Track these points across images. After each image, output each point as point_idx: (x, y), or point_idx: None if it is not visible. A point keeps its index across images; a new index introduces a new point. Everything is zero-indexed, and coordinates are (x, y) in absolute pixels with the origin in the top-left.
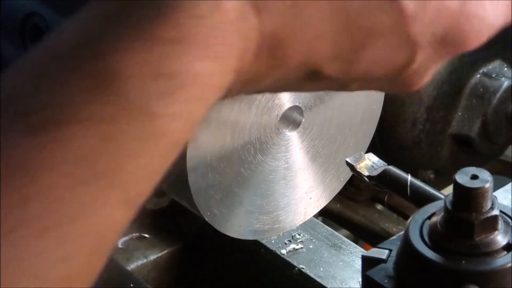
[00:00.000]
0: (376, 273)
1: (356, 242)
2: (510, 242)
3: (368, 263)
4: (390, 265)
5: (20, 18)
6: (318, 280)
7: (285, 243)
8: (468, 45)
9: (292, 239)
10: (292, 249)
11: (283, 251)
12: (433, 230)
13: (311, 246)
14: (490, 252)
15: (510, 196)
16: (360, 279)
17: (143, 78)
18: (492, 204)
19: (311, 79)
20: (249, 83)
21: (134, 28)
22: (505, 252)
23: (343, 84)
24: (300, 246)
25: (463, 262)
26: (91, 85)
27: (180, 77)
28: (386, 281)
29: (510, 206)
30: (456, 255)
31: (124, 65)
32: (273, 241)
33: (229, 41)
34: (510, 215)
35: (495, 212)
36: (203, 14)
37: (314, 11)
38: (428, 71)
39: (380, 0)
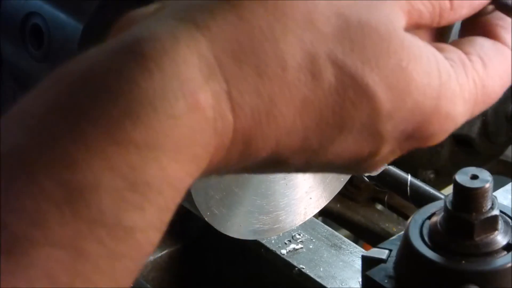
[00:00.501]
0: (376, 273)
1: (356, 242)
2: (510, 242)
3: (368, 263)
4: (390, 265)
5: (20, 18)
6: (318, 280)
7: (285, 243)
8: (433, 141)
9: (292, 239)
10: (292, 249)
11: (283, 251)
12: (433, 230)
13: (311, 246)
14: (490, 252)
15: (510, 196)
16: (360, 279)
17: (118, 190)
18: (492, 204)
19: (274, 166)
20: (214, 171)
21: (107, 128)
22: (505, 252)
23: (304, 169)
24: (300, 246)
25: (463, 262)
26: (60, 197)
27: (155, 185)
28: (386, 281)
29: (510, 206)
30: (456, 255)
31: (97, 175)
32: (273, 241)
33: (205, 141)
34: (510, 215)
35: (495, 212)
36: (179, 114)
37: (287, 107)
38: (388, 160)
39: (355, 98)
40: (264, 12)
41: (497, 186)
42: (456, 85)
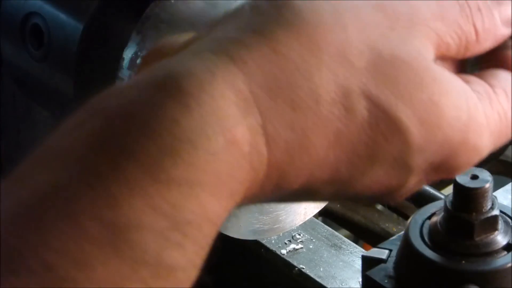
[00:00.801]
0: (376, 273)
1: (356, 242)
2: (510, 242)
3: (368, 263)
4: (390, 265)
5: (20, 18)
6: (318, 280)
7: (285, 243)
8: (458, 173)
9: (292, 239)
10: (292, 249)
11: (283, 251)
12: (433, 230)
13: (311, 246)
14: (490, 252)
15: (510, 196)
16: (360, 279)
17: (160, 229)
18: (492, 204)
19: (304, 196)
20: (246, 202)
21: (148, 167)
22: (505, 252)
23: (332, 199)
24: (300, 246)
25: (463, 262)
26: (103, 238)
27: (195, 222)
28: (386, 281)
29: (510, 206)
30: (456, 255)
31: (139, 214)
32: (273, 241)
33: (242, 176)
34: (510, 215)
35: (495, 212)
36: (218, 150)
37: (320, 140)
38: (413, 191)
39: (388, 132)
40: (298, 46)
41: (497, 186)
42: (483, 117)
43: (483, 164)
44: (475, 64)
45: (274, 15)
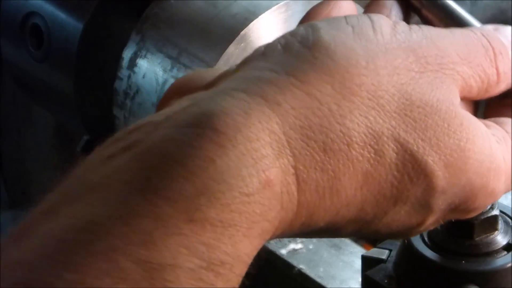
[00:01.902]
0: (376, 273)
1: (356, 242)
2: (510, 242)
3: (368, 263)
4: (390, 265)
5: (20, 18)
6: (318, 280)
7: (285, 243)
8: (474, 214)
9: (292, 239)
10: (292, 249)
11: (283, 251)
12: (433, 230)
13: (311, 246)
14: (490, 252)
15: (510, 196)
16: (360, 279)
17: (194, 269)
18: (492, 204)
19: (327, 233)
20: (273, 238)
21: (183, 207)
22: (505, 252)
23: (352, 236)
24: (300, 246)
25: (463, 262)
26: (139, 277)
27: (228, 262)
28: (386, 281)
29: (510, 206)
30: (456, 255)
31: (174, 254)
32: (273, 241)
33: (273, 216)
34: (510, 215)
35: (495, 212)
36: (252, 192)
37: (349, 181)
38: (428, 229)
39: (414, 174)
40: (331, 90)
41: None
42: (502, 162)
43: None
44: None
45: (307, 57)
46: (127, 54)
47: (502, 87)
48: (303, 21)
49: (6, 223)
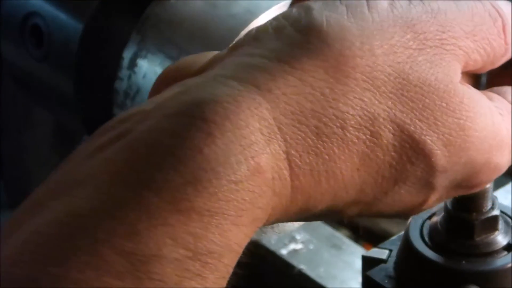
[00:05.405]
0: (377, 273)
1: (356, 242)
2: (511, 242)
3: (368, 263)
4: (390, 265)
5: (20, 18)
6: (319, 280)
7: (285, 243)
8: (478, 189)
9: (292, 239)
10: (292, 250)
11: (283, 251)
12: (433, 230)
13: (311, 247)
14: (491, 252)
15: (510, 196)
16: (360, 279)
17: (180, 260)
18: (493, 204)
19: (328, 216)
20: (270, 225)
21: (169, 197)
22: (506, 252)
23: (355, 217)
24: (300, 246)
25: (463, 262)
26: (122, 268)
27: (216, 252)
28: (386, 281)
29: (510, 206)
30: (456, 255)
31: (159, 245)
32: (273, 241)
33: (265, 203)
34: (510, 215)
35: (496, 212)
36: (241, 179)
37: (345, 164)
38: (432, 206)
39: (412, 154)
40: (324, 74)
41: (497, 186)
42: (505, 135)
43: None
44: (485, 78)
45: (299, 41)
46: (127, 54)
47: (510, 55)
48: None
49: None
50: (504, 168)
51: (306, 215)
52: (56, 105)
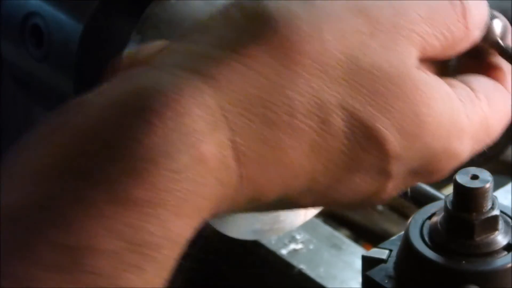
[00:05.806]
0: (376, 273)
1: (356, 242)
2: (511, 242)
3: (368, 263)
4: (390, 265)
5: (20, 18)
6: (319, 280)
7: (285, 243)
8: (437, 178)
9: (292, 239)
10: (292, 250)
11: (283, 251)
12: (433, 230)
13: (311, 247)
14: (491, 252)
15: (510, 196)
16: (360, 280)
17: (115, 251)
18: (493, 204)
19: (283, 206)
20: (221, 215)
21: (105, 188)
22: (506, 252)
23: (312, 206)
24: (300, 246)
25: (463, 262)
26: (54, 262)
27: (155, 243)
28: (386, 281)
29: (510, 206)
30: (456, 255)
31: (93, 237)
32: (273, 241)
33: (209, 192)
34: (510, 215)
35: (496, 212)
36: (182, 168)
37: (294, 152)
38: (391, 195)
39: (365, 142)
40: (271, 61)
41: (497, 186)
42: (465, 122)
43: (483, 164)
44: (455, 68)
45: (247, 29)
46: None
47: (473, 39)
48: None
49: None
50: (463, 156)
51: (257, 205)
52: (56, 105)
